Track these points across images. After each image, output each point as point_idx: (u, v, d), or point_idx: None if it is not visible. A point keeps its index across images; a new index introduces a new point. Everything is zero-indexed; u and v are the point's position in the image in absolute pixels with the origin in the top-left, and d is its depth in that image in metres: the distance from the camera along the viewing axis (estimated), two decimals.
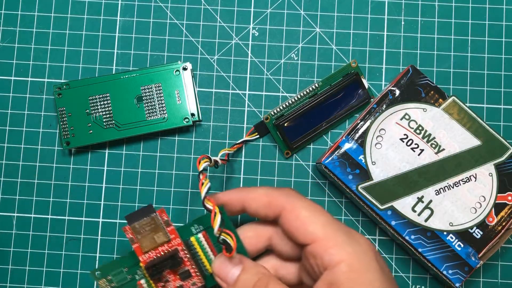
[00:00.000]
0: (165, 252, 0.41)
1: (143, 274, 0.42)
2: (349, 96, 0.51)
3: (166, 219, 0.42)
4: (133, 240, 0.41)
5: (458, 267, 0.46)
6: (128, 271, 0.42)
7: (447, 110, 0.48)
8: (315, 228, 0.38)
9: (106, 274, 0.42)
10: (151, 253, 0.41)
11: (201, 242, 0.42)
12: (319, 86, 0.51)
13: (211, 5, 0.54)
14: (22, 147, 0.52)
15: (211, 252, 0.42)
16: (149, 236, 0.41)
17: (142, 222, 0.41)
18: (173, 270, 0.41)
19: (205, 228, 0.42)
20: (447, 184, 0.47)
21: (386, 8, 0.54)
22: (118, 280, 0.42)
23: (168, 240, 0.41)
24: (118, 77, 0.51)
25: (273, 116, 0.51)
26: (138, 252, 0.41)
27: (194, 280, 0.41)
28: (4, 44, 0.53)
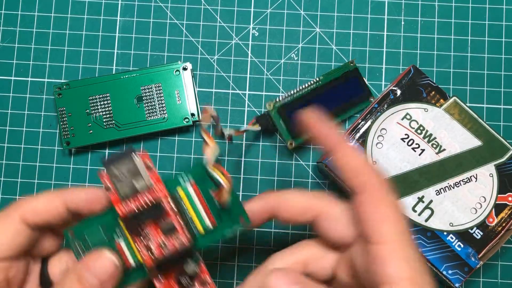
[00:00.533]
0: (147, 201, 0.35)
1: (122, 232, 0.36)
2: (349, 90, 0.51)
3: (149, 164, 0.36)
4: (109, 188, 0.35)
5: (458, 267, 0.46)
6: (105, 229, 0.36)
7: (448, 110, 0.48)
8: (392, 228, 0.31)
9: (80, 233, 0.36)
10: (130, 203, 0.35)
11: (191, 196, 0.36)
12: (320, 80, 0.51)
13: (211, 5, 0.53)
14: (22, 147, 0.52)
15: (203, 209, 0.36)
16: (128, 182, 0.35)
17: (121, 167, 0.35)
18: (155, 224, 0.35)
19: (195, 180, 0.36)
20: (447, 184, 0.47)
21: (386, 8, 0.53)
22: (94, 240, 0.36)
23: (150, 186, 0.35)
24: (118, 77, 0.51)
25: (276, 104, 0.50)
26: (115, 202, 0.35)
27: (179, 237, 0.35)
28: (4, 44, 0.53)
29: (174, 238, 0.35)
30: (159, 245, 0.35)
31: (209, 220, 0.36)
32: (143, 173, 0.36)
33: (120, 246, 0.36)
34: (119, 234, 0.36)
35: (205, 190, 0.36)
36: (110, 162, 0.35)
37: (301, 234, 0.50)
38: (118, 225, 0.36)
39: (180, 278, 0.36)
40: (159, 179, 0.36)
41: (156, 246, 0.35)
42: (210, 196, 0.36)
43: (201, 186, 0.36)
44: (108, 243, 0.36)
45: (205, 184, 0.36)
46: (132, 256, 0.36)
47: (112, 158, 0.36)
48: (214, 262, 0.50)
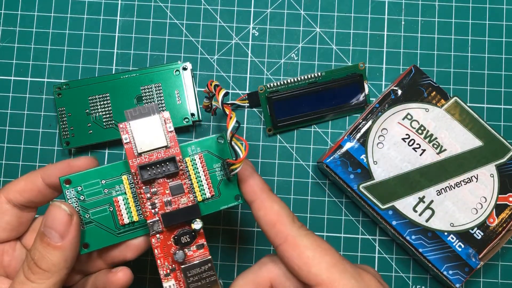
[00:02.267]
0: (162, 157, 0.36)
1: (122, 190, 0.37)
2: (347, 95, 0.51)
3: (169, 124, 0.37)
4: (127, 139, 0.36)
5: (458, 267, 0.45)
6: (105, 184, 0.37)
7: (449, 110, 0.47)
8: (319, 270, 0.33)
9: (78, 184, 0.36)
10: (145, 157, 0.36)
11: (196, 164, 0.37)
12: (321, 76, 0.50)
13: (211, 5, 0.53)
14: (22, 147, 0.51)
15: (204, 178, 0.37)
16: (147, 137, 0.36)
17: (143, 121, 0.36)
18: (165, 181, 0.36)
19: (202, 151, 0.38)
20: (448, 184, 0.46)
21: (386, 8, 0.52)
22: (90, 193, 0.37)
23: (167, 145, 0.36)
24: (118, 77, 0.50)
25: (268, 89, 0.49)
26: (130, 155, 0.36)
27: (185, 198, 0.37)
28: (4, 44, 0.52)
29: (179, 198, 0.36)
30: (164, 202, 0.36)
31: (208, 190, 0.38)
32: (164, 132, 0.36)
33: (118, 203, 0.37)
34: (119, 191, 0.37)
35: (209, 162, 0.37)
36: (133, 115, 0.36)
37: None
38: (120, 182, 0.37)
39: (180, 237, 0.36)
40: (175, 140, 0.37)
41: (161, 203, 0.36)
42: (213, 169, 0.37)
43: (206, 158, 0.38)
44: (104, 198, 0.37)
45: (210, 157, 0.37)
46: (128, 213, 0.37)
47: (135, 112, 0.36)
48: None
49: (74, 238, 0.34)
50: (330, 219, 0.50)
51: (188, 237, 0.36)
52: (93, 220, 0.37)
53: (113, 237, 0.37)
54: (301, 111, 0.50)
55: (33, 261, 0.34)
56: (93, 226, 0.37)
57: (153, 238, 0.37)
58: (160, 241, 0.37)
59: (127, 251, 0.38)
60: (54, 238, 0.34)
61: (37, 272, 0.33)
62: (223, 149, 0.38)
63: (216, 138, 0.38)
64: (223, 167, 0.37)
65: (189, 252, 0.37)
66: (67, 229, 0.34)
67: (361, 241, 0.50)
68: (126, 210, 0.37)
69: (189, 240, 0.37)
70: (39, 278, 0.33)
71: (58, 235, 0.34)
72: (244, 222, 0.50)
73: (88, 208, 0.37)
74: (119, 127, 0.36)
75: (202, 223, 0.36)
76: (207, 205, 0.38)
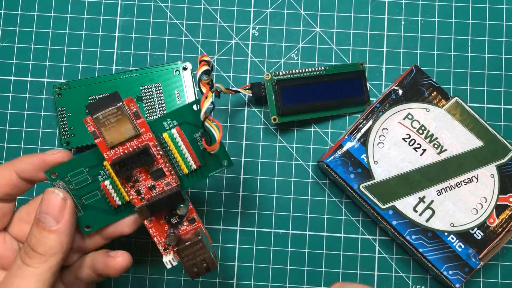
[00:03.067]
0: (134, 147, 0.35)
1: (107, 174, 0.37)
2: (350, 89, 0.50)
3: (134, 109, 0.35)
4: (95, 133, 0.35)
5: (458, 267, 0.45)
6: (89, 171, 0.37)
7: (449, 110, 0.47)
8: None
9: (64, 174, 0.36)
10: (118, 149, 0.35)
11: (175, 139, 0.37)
12: (325, 70, 0.50)
13: (211, 5, 0.52)
14: (22, 147, 0.51)
15: (186, 150, 0.37)
16: (115, 129, 0.35)
17: (107, 112, 0.34)
18: (144, 169, 0.36)
19: (179, 123, 0.37)
20: (448, 184, 0.46)
21: (386, 8, 0.52)
22: (77, 181, 0.37)
23: (137, 134, 0.35)
24: (118, 77, 0.50)
25: (273, 77, 0.49)
26: (102, 148, 0.35)
27: (168, 180, 0.37)
28: (4, 44, 0.52)
29: (162, 181, 0.36)
30: (148, 188, 0.36)
31: (193, 161, 0.37)
32: (130, 120, 0.35)
33: (106, 187, 0.37)
34: (104, 176, 0.37)
35: (189, 133, 0.37)
36: (96, 108, 0.35)
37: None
38: (102, 168, 0.37)
39: (170, 218, 0.37)
40: (146, 126, 0.36)
41: (146, 189, 0.37)
42: (194, 139, 0.37)
43: (184, 129, 0.37)
44: (92, 184, 0.37)
45: (188, 128, 0.37)
46: (118, 196, 0.37)
47: (97, 104, 0.35)
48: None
49: (68, 222, 0.35)
50: (330, 219, 0.50)
51: (178, 217, 0.37)
52: (88, 205, 0.37)
53: (111, 217, 0.38)
54: (306, 100, 0.49)
55: (30, 246, 0.34)
56: (89, 210, 0.38)
57: (145, 220, 0.37)
58: (153, 221, 0.37)
59: (124, 227, 0.39)
60: (50, 223, 0.35)
61: (33, 256, 0.34)
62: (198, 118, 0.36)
63: (191, 107, 0.36)
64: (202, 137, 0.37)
65: (183, 227, 0.38)
66: (61, 213, 0.35)
67: (361, 241, 0.49)
68: (115, 193, 0.37)
69: (179, 220, 0.37)
70: (36, 262, 0.34)
71: (53, 219, 0.35)
72: (228, 203, 0.50)
73: (80, 195, 0.37)
74: (85, 122, 0.35)
75: (187, 207, 0.37)
76: (194, 175, 0.38)
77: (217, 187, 0.50)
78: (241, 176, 0.50)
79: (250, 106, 0.51)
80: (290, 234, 0.50)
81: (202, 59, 0.36)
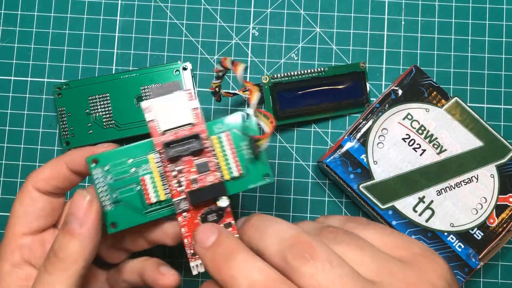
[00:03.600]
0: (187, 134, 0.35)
1: (149, 169, 0.36)
2: (349, 90, 0.50)
3: (194, 100, 0.35)
4: (150, 117, 0.35)
5: (458, 268, 0.45)
6: (132, 163, 0.36)
7: (449, 110, 0.47)
8: None
9: (105, 163, 0.36)
10: (170, 135, 0.35)
11: (222, 143, 0.36)
12: (324, 71, 0.50)
13: (211, 5, 0.52)
14: (22, 147, 0.51)
15: (232, 156, 0.36)
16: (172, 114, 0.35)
17: (167, 98, 0.35)
18: (191, 159, 0.35)
19: (229, 129, 0.36)
20: (448, 184, 0.46)
21: (386, 8, 0.52)
22: (117, 172, 0.36)
23: (192, 123, 0.35)
24: (118, 77, 0.50)
25: (272, 80, 0.49)
26: (154, 133, 0.35)
27: (211, 176, 0.36)
28: (4, 44, 0.52)
29: (205, 176, 0.35)
30: (190, 181, 0.35)
31: (236, 168, 0.36)
32: (188, 110, 0.35)
33: (145, 181, 0.36)
34: (146, 170, 0.36)
35: (236, 141, 0.36)
36: (157, 92, 0.35)
37: None
38: (146, 162, 0.36)
39: (207, 215, 0.36)
40: (201, 119, 0.35)
41: (188, 181, 0.35)
42: (239, 147, 0.36)
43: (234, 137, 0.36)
44: (131, 177, 0.36)
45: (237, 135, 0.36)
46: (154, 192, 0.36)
47: (158, 89, 0.35)
48: None
49: (92, 226, 0.34)
50: None
51: (216, 215, 0.36)
52: (120, 200, 0.36)
53: (141, 216, 0.36)
54: (303, 103, 0.49)
55: (53, 251, 0.33)
56: (121, 205, 0.36)
57: (179, 216, 0.36)
58: (187, 219, 0.36)
59: (167, 238, 0.38)
60: (74, 225, 0.33)
61: (54, 262, 0.33)
62: (248, 126, 0.36)
63: (241, 116, 0.37)
64: (250, 144, 0.36)
65: None
66: (86, 216, 0.34)
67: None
68: (153, 189, 0.36)
69: (216, 218, 0.36)
70: (56, 269, 0.33)
71: (78, 222, 0.33)
72: None
73: (116, 188, 0.36)
74: (142, 108, 0.35)
75: (228, 200, 0.35)
76: (235, 183, 0.37)
77: None
78: None
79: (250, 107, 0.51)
80: None
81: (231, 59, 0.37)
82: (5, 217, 0.50)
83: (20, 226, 0.37)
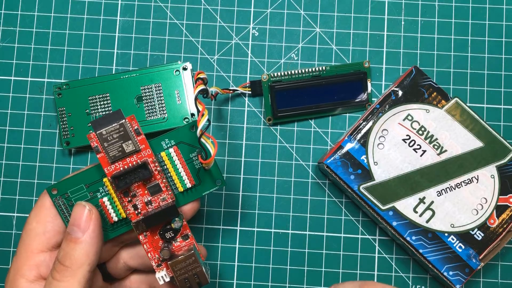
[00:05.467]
0: (134, 163, 0.37)
1: (106, 191, 0.38)
2: (349, 92, 0.50)
3: (136, 127, 0.37)
4: (98, 149, 0.36)
5: (458, 268, 0.45)
6: (89, 188, 0.38)
7: (449, 111, 0.46)
8: None
9: (64, 191, 0.38)
10: (118, 164, 0.37)
11: (172, 158, 0.38)
12: (325, 70, 0.49)
13: (211, 5, 0.52)
14: (22, 147, 0.50)
15: (183, 169, 0.38)
16: (117, 144, 0.36)
17: (110, 129, 0.36)
18: (142, 184, 0.37)
19: (176, 143, 0.39)
20: (449, 185, 0.45)
21: (386, 8, 0.52)
22: (77, 198, 0.38)
23: (137, 150, 0.37)
24: (118, 77, 0.49)
25: (271, 78, 0.49)
26: (104, 163, 0.37)
27: (164, 196, 0.38)
28: (4, 44, 0.52)
29: (158, 197, 0.38)
30: (145, 203, 0.37)
31: (188, 180, 0.39)
32: (132, 137, 0.37)
33: (104, 204, 0.38)
34: (103, 192, 0.38)
35: (185, 152, 0.38)
36: (100, 124, 0.36)
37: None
38: (102, 185, 0.38)
39: (165, 233, 0.38)
40: (146, 142, 0.37)
41: (142, 204, 0.37)
42: (190, 158, 0.39)
43: (181, 149, 0.39)
44: (91, 201, 0.38)
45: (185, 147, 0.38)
46: (115, 212, 0.38)
47: (101, 121, 0.36)
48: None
49: (94, 232, 0.36)
50: (330, 219, 0.49)
51: (172, 232, 0.38)
52: None
53: (108, 234, 0.39)
54: (302, 103, 0.49)
55: (58, 261, 0.35)
56: None
57: (140, 235, 0.38)
58: (148, 237, 0.38)
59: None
60: (76, 233, 0.35)
61: (61, 270, 0.34)
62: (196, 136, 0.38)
63: (188, 128, 0.38)
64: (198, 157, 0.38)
65: (176, 243, 0.38)
66: (87, 224, 0.36)
67: (361, 241, 0.49)
68: (113, 209, 0.38)
69: (173, 235, 0.38)
70: (64, 275, 0.34)
71: (79, 230, 0.35)
72: (228, 203, 0.49)
73: None
74: (88, 138, 0.37)
75: (181, 221, 0.38)
76: (189, 194, 0.39)
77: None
78: (241, 176, 0.50)
79: (250, 106, 0.51)
80: (290, 234, 0.49)
81: (198, 77, 0.38)
82: (5, 217, 0.49)
83: (39, 244, 0.38)
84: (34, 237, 0.37)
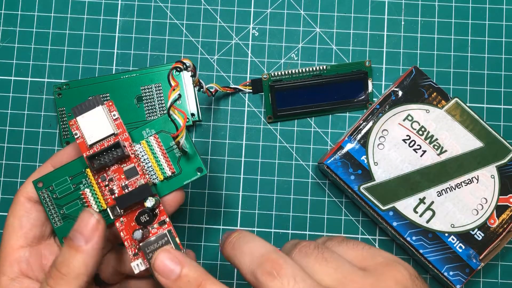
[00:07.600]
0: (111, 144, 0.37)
1: (89, 182, 0.38)
2: (350, 91, 0.50)
3: (114, 112, 0.38)
4: (77, 134, 0.37)
5: (459, 268, 0.45)
6: (72, 180, 0.38)
7: (449, 111, 0.46)
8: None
9: (49, 183, 0.38)
10: (96, 148, 0.37)
11: (152, 146, 0.39)
12: (326, 69, 0.49)
13: (211, 5, 0.51)
14: (22, 147, 0.50)
15: (163, 157, 0.39)
16: (95, 129, 0.37)
17: (88, 115, 0.37)
18: (119, 168, 0.37)
19: (156, 131, 0.39)
20: (449, 185, 0.45)
21: (386, 8, 0.51)
22: (61, 190, 0.38)
23: (114, 133, 0.37)
24: (118, 77, 0.49)
25: (272, 77, 0.49)
26: (83, 148, 0.37)
27: (140, 180, 0.37)
28: (4, 44, 0.51)
29: (135, 181, 0.37)
30: (121, 187, 0.37)
31: (168, 168, 0.39)
32: (109, 121, 0.37)
33: (86, 195, 0.38)
34: (85, 184, 0.38)
35: (165, 141, 0.39)
36: (79, 111, 0.37)
37: None
38: (85, 176, 0.38)
39: (140, 217, 0.37)
40: (123, 126, 0.38)
41: (119, 188, 0.37)
42: (170, 147, 0.39)
43: (161, 138, 0.39)
44: (74, 193, 0.38)
45: (165, 136, 0.39)
46: (96, 203, 0.38)
47: (80, 107, 0.37)
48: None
49: (97, 244, 0.35)
50: (330, 219, 0.49)
51: (147, 215, 0.37)
52: (68, 215, 0.39)
53: None
54: (302, 102, 0.49)
55: (55, 266, 0.34)
56: (69, 220, 0.39)
57: (117, 222, 0.37)
58: (124, 223, 0.37)
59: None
60: (79, 241, 0.34)
61: (56, 277, 0.33)
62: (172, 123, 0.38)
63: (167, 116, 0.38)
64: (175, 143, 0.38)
65: (153, 230, 0.37)
66: (92, 234, 0.34)
67: (361, 241, 0.48)
68: (94, 200, 0.38)
69: (148, 218, 0.37)
70: (58, 284, 0.33)
71: (83, 238, 0.34)
72: (227, 203, 0.49)
73: (62, 205, 0.38)
74: (69, 124, 0.37)
75: (154, 200, 0.37)
76: (170, 182, 0.39)
77: (217, 187, 0.50)
78: (241, 176, 0.50)
79: (250, 106, 0.50)
80: (290, 234, 0.49)
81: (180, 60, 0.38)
82: (5, 217, 0.49)
83: (17, 239, 0.37)
84: (11, 232, 0.37)
